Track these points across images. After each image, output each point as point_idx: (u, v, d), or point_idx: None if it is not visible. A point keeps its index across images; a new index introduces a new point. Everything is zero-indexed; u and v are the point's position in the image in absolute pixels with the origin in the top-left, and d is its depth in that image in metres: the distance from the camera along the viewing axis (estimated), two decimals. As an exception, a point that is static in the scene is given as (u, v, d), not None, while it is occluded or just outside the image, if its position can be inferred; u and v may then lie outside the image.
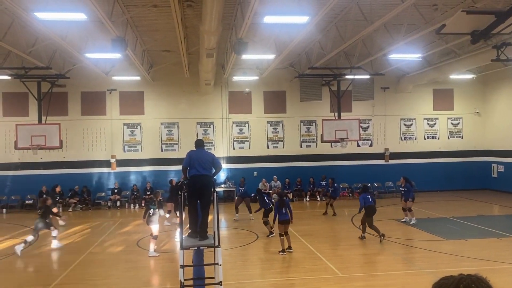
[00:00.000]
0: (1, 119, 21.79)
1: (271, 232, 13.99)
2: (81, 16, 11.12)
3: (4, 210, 20.77)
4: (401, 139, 24.98)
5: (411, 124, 25.09)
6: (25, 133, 18.69)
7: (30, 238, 12.53)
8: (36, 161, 21.53)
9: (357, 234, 13.84)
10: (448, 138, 25.36)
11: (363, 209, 13.30)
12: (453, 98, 25.32)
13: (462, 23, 8.85)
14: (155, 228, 11.98)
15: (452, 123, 25.40)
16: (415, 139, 25.11)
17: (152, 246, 11.92)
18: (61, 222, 16.47)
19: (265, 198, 14.68)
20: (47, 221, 12.89)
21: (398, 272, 10.22)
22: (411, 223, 15.18)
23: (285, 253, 11.79)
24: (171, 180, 18.23)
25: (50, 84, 19.97)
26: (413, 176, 23.42)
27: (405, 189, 15.75)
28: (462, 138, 25.42)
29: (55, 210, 14.18)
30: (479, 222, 15.54)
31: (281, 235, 11.97)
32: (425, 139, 25.17)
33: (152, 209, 12.05)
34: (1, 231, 15.74)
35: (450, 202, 21.14)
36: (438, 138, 25.27)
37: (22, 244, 12.26)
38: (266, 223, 14.20)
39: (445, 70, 20.18)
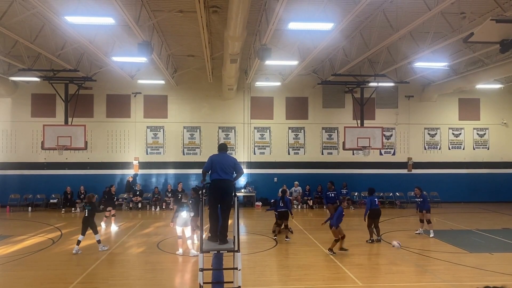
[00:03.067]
0: (29, 119, 22.41)
1: (286, 237, 14.34)
2: (109, 21, 11.38)
3: (30, 208, 21.30)
4: (425, 149, 24.58)
5: (436, 134, 24.67)
6: (51, 133, 19.17)
7: None
8: (62, 161, 22.10)
9: (377, 244, 13.86)
10: (474, 149, 24.82)
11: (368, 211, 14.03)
12: (480, 108, 24.83)
13: (491, 31, 8.70)
14: (186, 229, 12.34)
15: (478, 134, 24.86)
16: (439, 149, 24.66)
17: (190, 247, 12.35)
18: None
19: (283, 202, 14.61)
20: None
21: (420, 283, 10.00)
22: (431, 236, 14.81)
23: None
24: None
25: (77, 86, 20.48)
26: (436, 186, 23.21)
27: (421, 199, 15.37)
28: (488, 149, 24.85)
29: None
30: (505, 236, 15.08)
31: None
32: (449, 149, 24.70)
33: (185, 211, 12.33)
34: (26, 229, 16.13)
35: (475, 214, 20.62)
36: (463, 149, 24.76)
37: None
38: (286, 226, 14.49)
39: (472, 79, 19.76)
